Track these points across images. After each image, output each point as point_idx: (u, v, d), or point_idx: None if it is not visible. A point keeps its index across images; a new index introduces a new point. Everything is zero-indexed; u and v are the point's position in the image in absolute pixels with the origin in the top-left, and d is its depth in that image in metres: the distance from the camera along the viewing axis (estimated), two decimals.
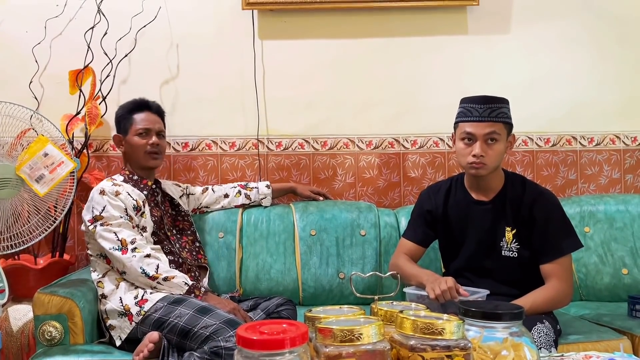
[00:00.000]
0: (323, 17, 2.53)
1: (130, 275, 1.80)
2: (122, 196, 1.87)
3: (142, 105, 2.02)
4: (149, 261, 1.79)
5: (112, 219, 1.82)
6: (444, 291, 1.57)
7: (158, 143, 1.99)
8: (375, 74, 2.55)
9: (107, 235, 1.81)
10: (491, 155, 1.68)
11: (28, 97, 2.40)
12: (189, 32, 2.52)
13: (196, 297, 1.79)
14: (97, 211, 1.83)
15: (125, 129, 1.99)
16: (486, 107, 1.67)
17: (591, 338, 1.76)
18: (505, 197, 1.75)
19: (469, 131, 1.69)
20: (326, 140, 2.55)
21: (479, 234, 1.77)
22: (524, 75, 2.54)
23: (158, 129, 2.02)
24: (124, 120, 2.00)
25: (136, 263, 1.77)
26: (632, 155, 2.57)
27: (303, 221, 2.27)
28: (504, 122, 1.69)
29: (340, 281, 2.21)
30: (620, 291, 2.19)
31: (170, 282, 1.78)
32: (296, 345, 0.74)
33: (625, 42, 2.56)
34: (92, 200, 1.86)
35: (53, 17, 2.43)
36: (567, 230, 1.72)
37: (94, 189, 1.89)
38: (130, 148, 1.98)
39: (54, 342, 1.73)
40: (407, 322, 0.87)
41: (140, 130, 1.97)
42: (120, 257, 1.78)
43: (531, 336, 0.94)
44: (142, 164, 1.98)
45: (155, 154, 1.98)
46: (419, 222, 1.90)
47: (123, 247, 1.79)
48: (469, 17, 2.54)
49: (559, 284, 1.66)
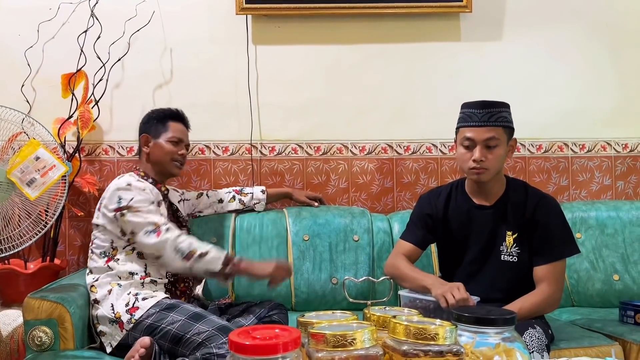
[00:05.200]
0: (317, 22, 2.54)
1: (165, 258, 1.78)
2: (147, 191, 1.88)
3: (179, 116, 2.07)
4: (181, 239, 1.78)
5: (142, 206, 1.82)
6: (459, 301, 1.54)
7: (185, 155, 2.04)
8: (368, 79, 2.56)
9: (139, 220, 1.79)
10: (491, 160, 1.68)
11: (20, 100, 2.39)
12: (183, 36, 2.52)
13: (233, 266, 1.79)
14: (126, 201, 1.82)
15: (158, 133, 2.00)
16: (485, 112, 1.67)
17: (583, 344, 1.77)
18: (507, 201, 1.76)
19: (468, 136, 1.68)
20: (319, 146, 2.55)
21: (480, 238, 1.77)
22: (517, 82, 2.56)
23: (187, 142, 2.08)
24: (159, 124, 2.01)
25: (171, 244, 1.76)
26: (623, 162, 2.60)
27: (296, 226, 2.27)
28: (504, 127, 1.69)
29: (333, 286, 2.20)
30: (612, 297, 2.20)
31: (206, 259, 1.77)
32: (289, 350, 0.74)
33: (617, 49, 2.58)
34: (118, 192, 1.84)
35: (46, 20, 2.42)
36: (566, 236, 1.73)
37: (117, 183, 1.87)
38: (159, 151, 1.99)
39: (44, 347, 1.71)
40: (400, 327, 0.87)
41: (174, 139, 2.00)
42: (156, 240, 1.77)
43: (523, 341, 0.94)
44: (167, 169, 2.00)
45: (180, 164, 2.03)
46: (418, 224, 1.89)
47: (157, 228, 1.79)
48: (462, 24, 2.55)
49: (547, 288, 1.67)
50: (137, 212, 1.81)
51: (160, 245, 1.77)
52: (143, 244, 1.80)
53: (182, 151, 2.02)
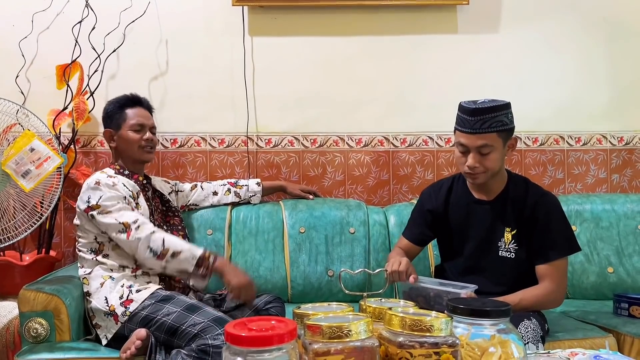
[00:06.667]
0: (314, 14, 2.52)
1: (139, 256, 1.78)
2: (118, 187, 1.85)
3: (134, 100, 2.01)
4: (154, 237, 1.76)
5: (111, 205, 1.80)
6: (393, 272, 1.67)
7: (152, 138, 1.99)
8: (365, 71, 2.55)
9: (108, 221, 1.78)
10: (486, 165, 1.66)
11: (14, 91, 2.37)
12: (179, 27, 2.50)
13: (206, 268, 1.76)
14: (94, 200, 1.80)
15: (118, 124, 1.97)
16: (477, 120, 1.62)
17: (577, 336, 1.78)
18: (506, 197, 1.75)
19: (462, 142, 1.67)
20: (316, 138, 2.55)
21: (478, 233, 1.77)
22: (513, 75, 2.56)
23: (151, 124, 2.01)
24: (116, 115, 1.97)
25: (142, 244, 1.75)
26: (618, 155, 2.60)
27: (292, 219, 2.27)
28: (499, 131, 1.63)
29: (329, 279, 2.21)
30: (606, 290, 2.21)
31: (179, 258, 1.75)
32: (284, 341, 0.74)
33: (613, 43, 2.58)
34: (87, 191, 1.82)
35: (40, 10, 2.40)
36: (566, 233, 1.72)
37: (88, 181, 1.86)
38: (124, 143, 1.96)
39: (39, 339, 1.71)
40: (396, 319, 0.88)
41: (135, 126, 1.95)
42: (126, 241, 1.76)
43: (518, 333, 0.95)
44: (137, 157, 1.97)
45: (149, 149, 1.98)
46: (418, 221, 1.91)
47: (126, 228, 1.77)
48: (459, 17, 2.55)
49: (551, 285, 1.67)
50: (107, 213, 1.79)
51: (133, 244, 1.76)
52: (119, 242, 1.80)
53: (146, 135, 1.96)
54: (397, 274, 1.66)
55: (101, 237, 1.85)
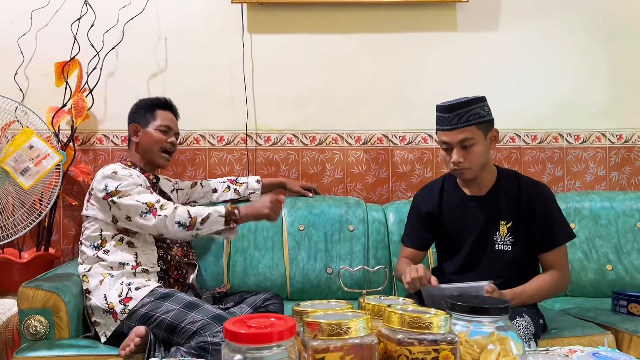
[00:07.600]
0: (313, 11, 2.52)
1: (169, 234, 1.79)
2: (133, 176, 1.87)
3: (167, 104, 2.06)
4: (179, 212, 1.78)
5: (130, 190, 1.81)
6: (413, 279, 1.60)
7: (175, 143, 2.03)
8: (364, 69, 2.55)
9: (131, 202, 1.78)
10: (471, 159, 1.68)
11: (13, 89, 2.37)
12: (178, 25, 2.50)
13: (235, 222, 1.79)
14: (113, 187, 1.81)
15: (147, 121, 1.99)
16: (454, 115, 1.66)
17: (576, 333, 1.79)
18: (499, 191, 1.76)
19: (444, 140, 1.70)
20: (315, 136, 2.55)
21: (474, 229, 1.78)
22: (512, 73, 2.56)
23: (177, 130, 2.06)
24: (147, 113, 2.00)
25: (170, 220, 1.76)
26: (617, 152, 2.60)
27: (291, 216, 2.27)
28: (477, 124, 1.66)
29: (328, 276, 2.21)
30: (605, 287, 2.21)
31: (209, 222, 1.77)
32: (284, 339, 0.74)
33: (612, 40, 2.58)
34: (104, 180, 1.83)
35: (39, 8, 2.39)
36: (563, 221, 1.76)
37: (103, 171, 1.86)
38: (148, 140, 1.98)
39: (38, 336, 1.71)
40: (395, 316, 0.88)
41: (162, 127, 1.99)
42: (154, 221, 1.77)
43: (517, 330, 0.95)
44: (153, 158, 1.99)
45: (169, 154, 2.01)
46: (416, 227, 1.91)
47: (150, 209, 1.78)
48: (458, 14, 2.55)
49: (560, 271, 1.72)
50: (128, 195, 1.80)
51: (160, 224, 1.77)
52: (142, 226, 1.80)
53: (171, 139, 2.01)
54: (418, 280, 1.61)
55: (107, 232, 1.85)
